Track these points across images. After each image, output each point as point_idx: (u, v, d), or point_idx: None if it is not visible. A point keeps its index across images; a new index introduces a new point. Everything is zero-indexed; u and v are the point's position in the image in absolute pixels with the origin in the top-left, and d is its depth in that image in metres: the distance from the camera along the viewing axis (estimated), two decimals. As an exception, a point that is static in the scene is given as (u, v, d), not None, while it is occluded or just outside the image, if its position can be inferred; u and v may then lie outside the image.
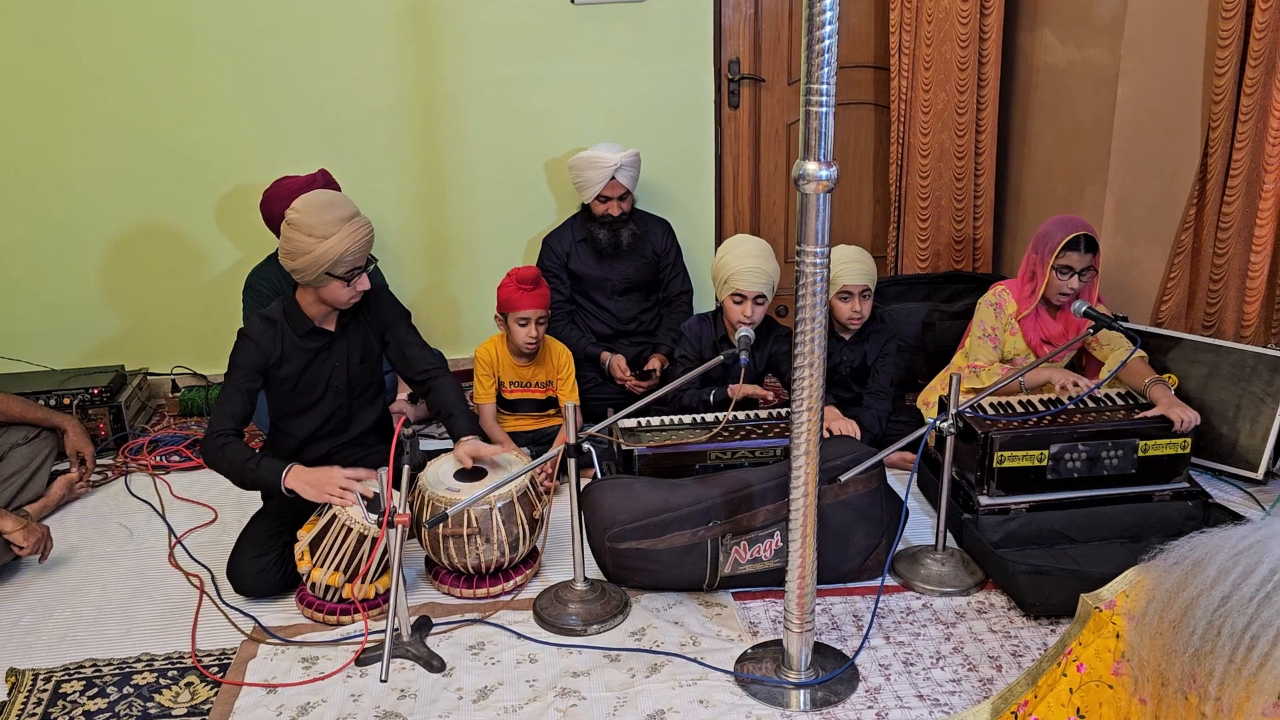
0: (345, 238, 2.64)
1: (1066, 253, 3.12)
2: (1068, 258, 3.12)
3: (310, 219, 2.64)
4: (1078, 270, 3.12)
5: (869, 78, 4.22)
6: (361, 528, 2.54)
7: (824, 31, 1.85)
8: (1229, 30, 3.17)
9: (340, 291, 2.72)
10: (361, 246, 2.69)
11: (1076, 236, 3.10)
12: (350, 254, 2.66)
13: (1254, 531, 1.56)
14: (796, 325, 2.05)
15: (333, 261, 2.64)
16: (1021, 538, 2.85)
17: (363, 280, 2.75)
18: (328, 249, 2.63)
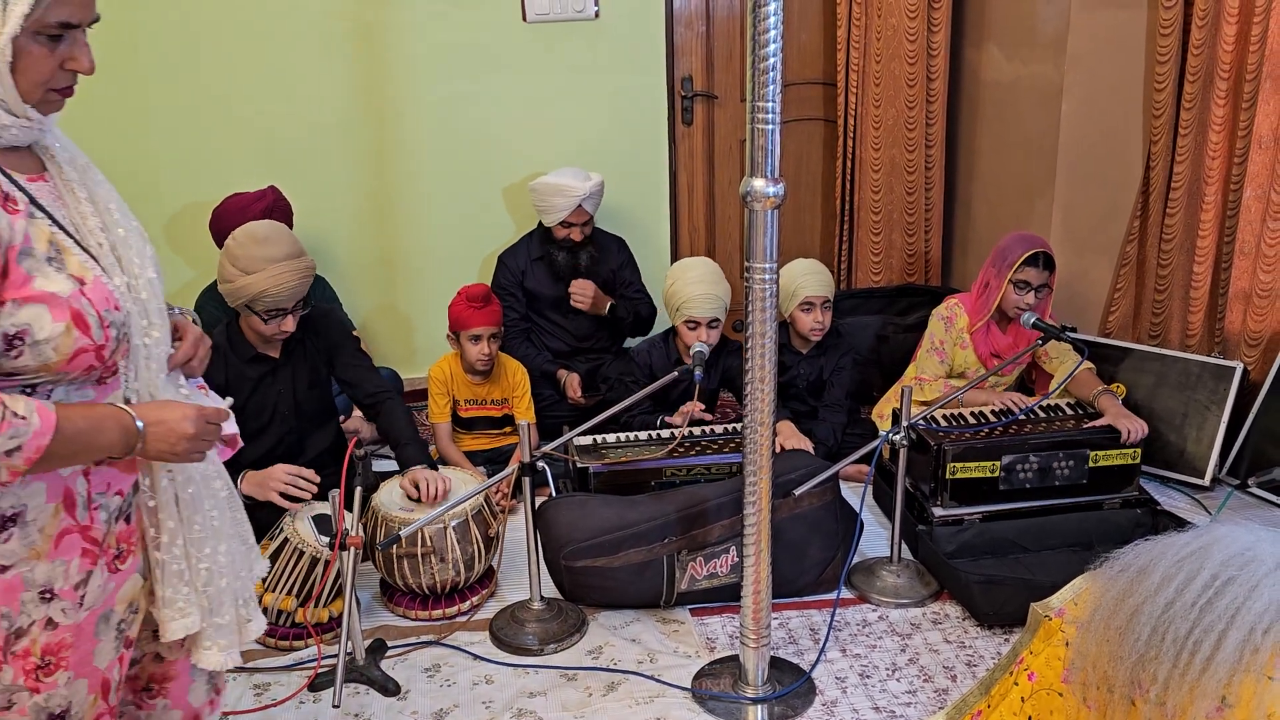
0: (268, 278, 2.60)
1: (1025, 268, 3.16)
2: (1025, 273, 3.16)
3: (239, 251, 2.62)
4: (1034, 286, 3.16)
5: (819, 94, 4.26)
6: (314, 550, 2.51)
7: (768, 50, 1.87)
8: (1167, 47, 3.24)
9: (261, 327, 2.69)
10: (286, 291, 2.63)
11: (1036, 253, 3.15)
12: (271, 295, 2.62)
13: (1196, 538, 1.59)
14: (747, 341, 2.06)
15: (251, 298, 2.61)
16: (975, 548, 2.87)
17: (286, 322, 2.69)
18: (249, 284, 2.60)
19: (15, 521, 1.34)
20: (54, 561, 1.37)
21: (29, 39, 1.30)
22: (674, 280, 3.24)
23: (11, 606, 1.35)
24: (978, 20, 4.01)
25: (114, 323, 1.38)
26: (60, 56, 1.36)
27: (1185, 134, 3.27)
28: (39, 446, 1.27)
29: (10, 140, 1.38)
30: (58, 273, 1.34)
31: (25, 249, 1.32)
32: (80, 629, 1.40)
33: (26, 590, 1.35)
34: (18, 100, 1.34)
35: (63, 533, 1.38)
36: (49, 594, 1.37)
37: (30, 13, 1.28)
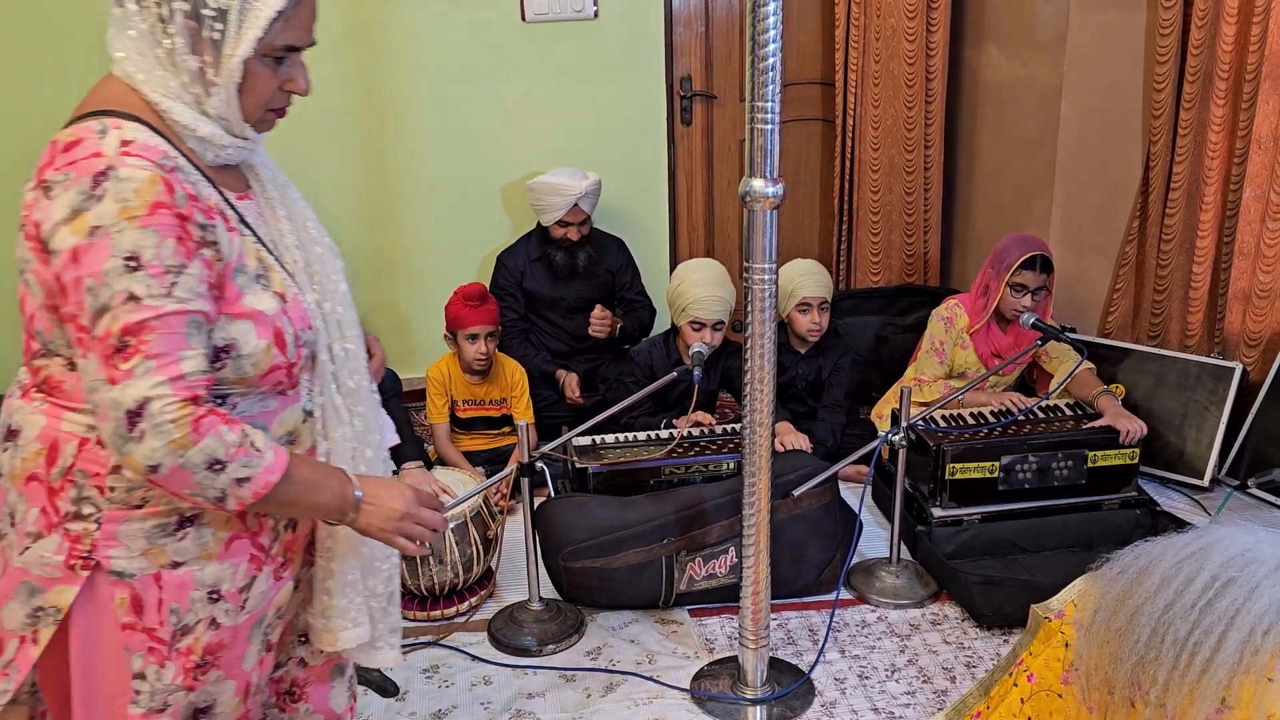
0: None
1: (1022, 271, 3.16)
2: (1022, 275, 3.16)
3: None
4: (1031, 289, 3.16)
5: (817, 94, 4.26)
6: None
7: (767, 50, 1.86)
8: (1166, 47, 3.23)
9: None
10: None
11: (1033, 256, 3.14)
12: None
13: (1196, 539, 1.59)
14: (746, 341, 2.06)
15: None
16: (974, 548, 2.87)
17: None
18: None
19: (193, 522, 1.38)
20: (223, 563, 1.40)
21: (256, 61, 1.33)
22: (680, 281, 3.23)
23: (181, 603, 1.38)
24: (977, 20, 4.01)
25: (306, 341, 1.43)
26: (281, 78, 1.38)
27: (1185, 134, 3.27)
28: (268, 483, 1.31)
29: (226, 159, 1.41)
30: (264, 290, 1.37)
31: (239, 266, 1.36)
32: (238, 631, 1.44)
33: (196, 589, 1.38)
34: (239, 120, 1.37)
35: (233, 537, 1.41)
36: (216, 595, 1.40)
37: (263, 36, 1.31)
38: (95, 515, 1.34)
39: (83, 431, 1.34)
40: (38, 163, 1.29)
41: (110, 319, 1.22)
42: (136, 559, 1.35)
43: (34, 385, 1.39)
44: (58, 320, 1.31)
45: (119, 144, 1.25)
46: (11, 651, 1.39)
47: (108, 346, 1.23)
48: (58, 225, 1.23)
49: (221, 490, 1.29)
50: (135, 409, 1.23)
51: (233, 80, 1.32)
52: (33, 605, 1.37)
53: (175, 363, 1.24)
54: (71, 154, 1.25)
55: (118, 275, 1.22)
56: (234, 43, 1.30)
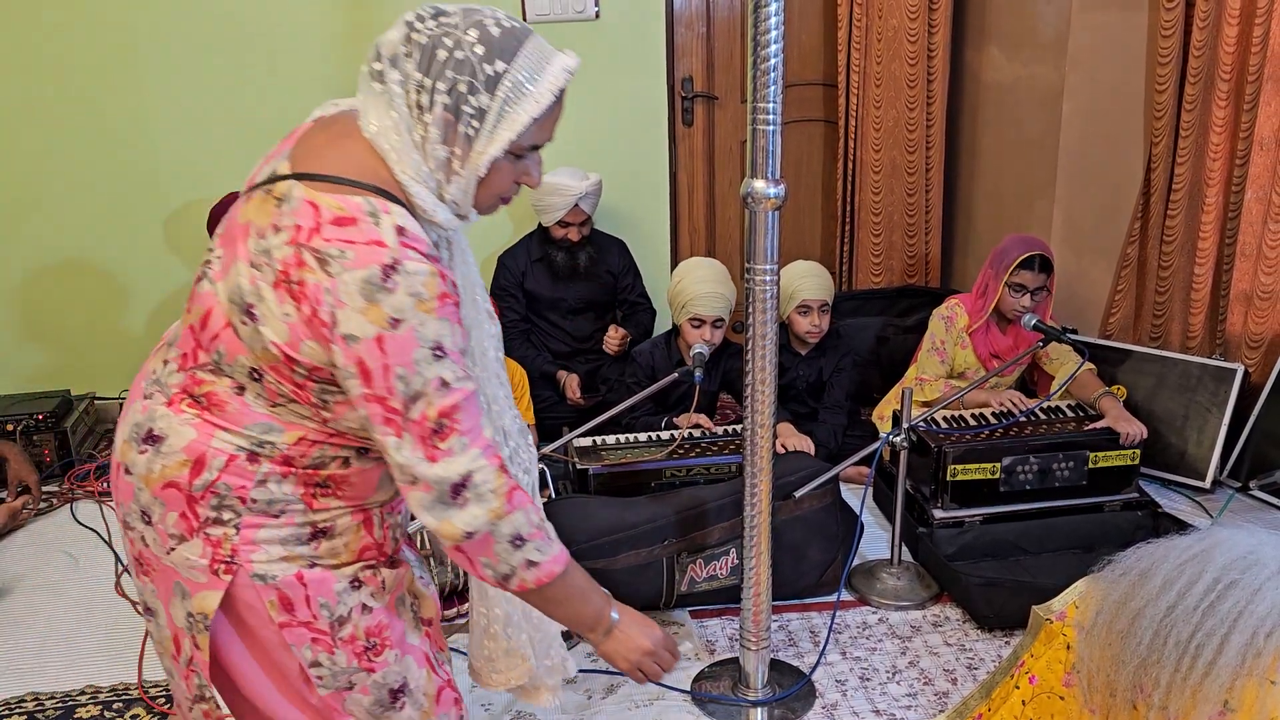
0: None
1: (1020, 270, 3.15)
2: (1021, 275, 3.16)
3: None
4: (1030, 289, 3.16)
5: (819, 95, 4.25)
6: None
7: (769, 50, 1.86)
8: (1168, 48, 3.23)
9: None
10: None
11: (1031, 256, 3.14)
12: None
13: (1198, 541, 1.58)
14: (748, 342, 2.06)
15: None
16: (975, 550, 2.86)
17: None
18: None
19: (325, 534, 1.43)
20: (356, 564, 1.48)
21: (501, 158, 1.38)
22: (680, 278, 3.23)
23: (328, 597, 1.43)
24: (978, 21, 4.00)
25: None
26: (519, 172, 1.43)
27: (1186, 136, 3.26)
28: (551, 572, 1.41)
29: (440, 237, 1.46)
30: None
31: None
32: (389, 611, 1.51)
33: (338, 582, 1.44)
34: (469, 206, 1.42)
35: (364, 548, 1.48)
36: (357, 582, 1.46)
37: (515, 139, 1.35)
38: (234, 520, 1.38)
39: (232, 449, 1.37)
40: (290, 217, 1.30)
41: (426, 404, 1.31)
42: (276, 563, 1.40)
43: (187, 396, 1.39)
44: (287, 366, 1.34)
45: (395, 232, 1.29)
46: (187, 650, 1.45)
47: (425, 429, 1.32)
48: (350, 311, 1.27)
49: (512, 567, 1.38)
50: (460, 481, 1.33)
51: (476, 175, 1.37)
52: (185, 610, 1.42)
53: (481, 434, 1.35)
54: (346, 232, 1.28)
55: (427, 364, 1.30)
56: (486, 141, 1.34)
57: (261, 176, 1.39)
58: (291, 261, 1.29)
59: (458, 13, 1.35)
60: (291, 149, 1.39)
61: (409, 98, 1.33)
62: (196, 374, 1.39)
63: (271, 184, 1.35)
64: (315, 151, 1.37)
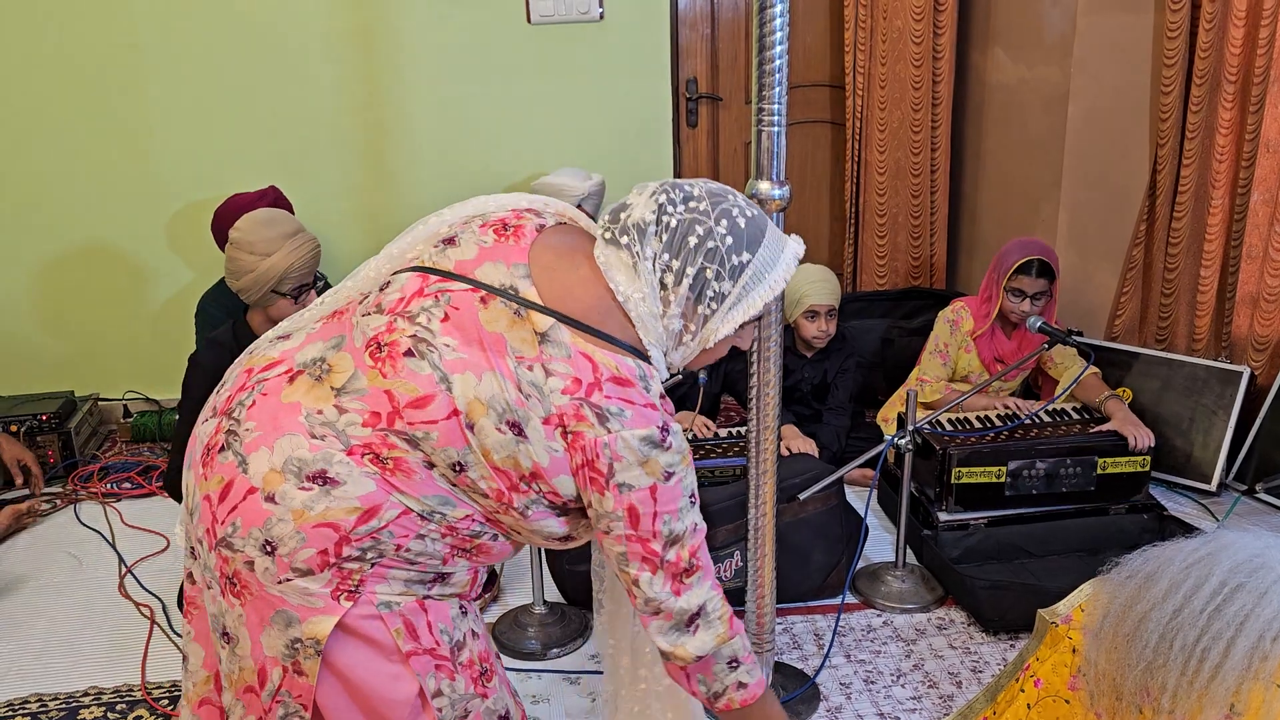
0: (289, 254, 2.62)
1: (1018, 276, 3.15)
2: (1019, 281, 3.15)
3: (251, 236, 2.62)
4: (1029, 294, 3.15)
5: (824, 96, 4.25)
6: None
7: (774, 52, 1.85)
8: (1174, 50, 3.22)
9: (289, 309, 2.69)
10: (306, 262, 2.66)
11: (1029, 261, 3.13)
12: (295, 270, 2.63)
13: (1204, 544, 1.57)
14: (752, 344, 2.05)
15: (278, 278, 2.61)
16: (980, 553, 2.86)
17: (310, 297, 2.71)
18: (271, 266, 2.60)
19: (443, 580, 1.47)
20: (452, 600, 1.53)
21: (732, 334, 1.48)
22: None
23: (446, 623, 1.47)
24: (983, 23, 4.00)
25: None
26: (736, 337, 1.51)
27: (1192, 137, 3.25)
28: (755, 695, 1.54)
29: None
30: None
31: None
32: (486, 639, 1.58)
33: (452, 608, 1.49)
34: (680, 362, 1.52)
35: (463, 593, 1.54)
36: (463, 609, 1.52)
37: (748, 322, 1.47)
38: (375, 560, 1.38)
39: (404, 505, 1.39)
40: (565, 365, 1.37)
41: (681, 547, 1.44)
42: (398, 595, 1.42)
43: (370, 452, 1.37)
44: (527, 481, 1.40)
45: (660, 399, 1.42)
46: (276, 679, 1.41)
47: (679, 568, 1.45)
48: (629, 464, 1.38)
49: (725, 686, 1.51)
50: (696, 611, 1.46)
51: (704, 348, 1.49)
52: (290, 636, 1.38)
53: (711, 569, 1.50)
54: (625, 392, 1.38)
55: (687, 510, 1.45)
56: (721, 321, 1.45)
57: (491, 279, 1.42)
58: (570, 412, 1.37)
59: (705, 198, 1.44)
60: (530, 268, 1.43)
61: (656, 274, 1.42)
62: (389, 438, 1.37)
63: (519, 303, 1.39)
64: (567, 291, 1.42)
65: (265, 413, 1.40)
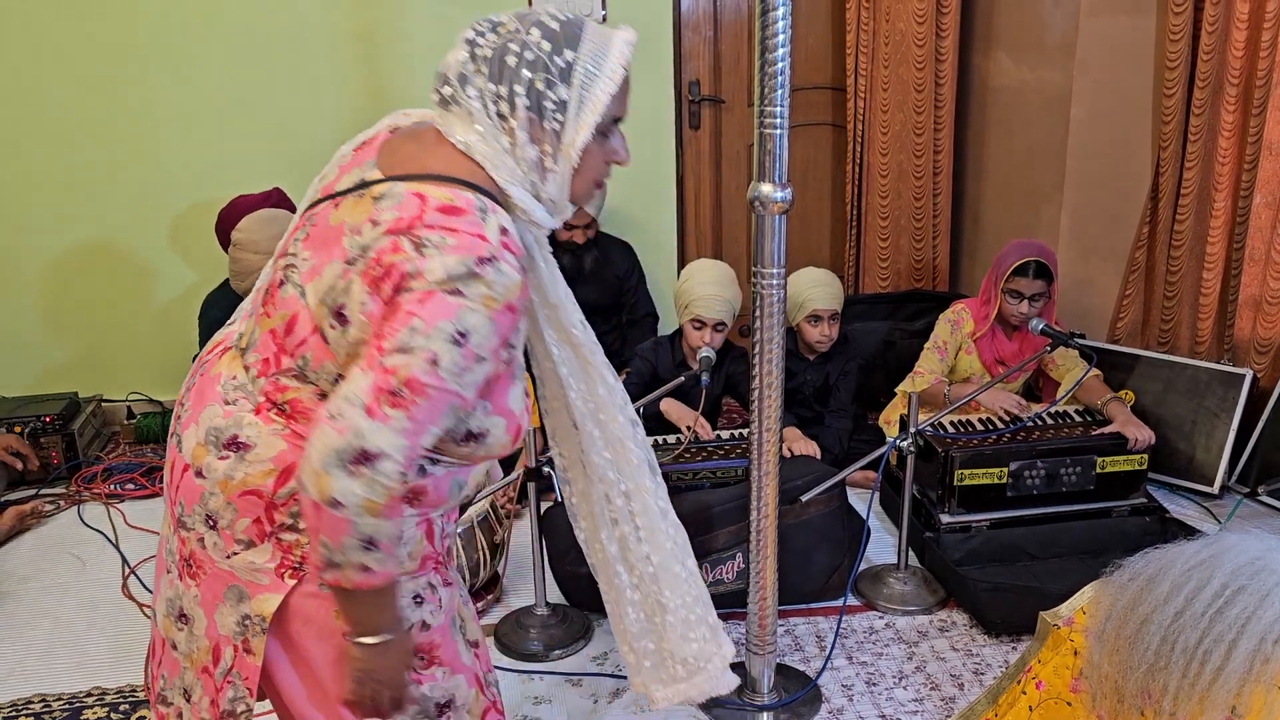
0: None
1: (1015, 278, 3.15)
2: (1016, 283, 3.15)
3: (255, 236, 2.63)
4: (1026, 296, 3.15)
5: (827, 99, 4.25)
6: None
7: (777, 54, 1.86)
8: (1176, 53, 3.22)
9: None
10: None
11: (1026, 262, 3.13)
12: None
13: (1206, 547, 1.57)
14: (754, 346, 2.06)
15: None
16: (983, 555, 2.86)
17: None
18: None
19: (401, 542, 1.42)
20: (417, 579, 1.48)
21: (591, 141, 1.38)
22: (687, 278, 3.23)
23: None
24: (986, 26, 4.00)
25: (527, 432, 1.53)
26: (607, 153, 1.43)
27: (1195, 140, 3.26)
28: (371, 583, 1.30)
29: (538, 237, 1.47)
30: (519, 384, 1.43)
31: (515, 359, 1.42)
32: (444, 631, 1.52)
33: (403, 596, 1.43)
34: (565, 200, 1.41)
35: (425, 557, 1.48)
36: (420, 599, 1.47)
37: (600, 120, 1.36)
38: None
39: None
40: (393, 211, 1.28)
41: (405, 363, 1.23)
42: None
43: (273, 404, 1.38)
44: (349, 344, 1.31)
45: (499, 233, 1.29)
46: (229, 660, 1.42)
47: (387, 382, 1.23)
48: (424, 280, 1.24)
49: (346, 562, 1.28)
50: (369, 453, 1.23)
51: (571, 165, 1.37)
52: (240, 613, 1.40)
53: (421, 434, 1.27)
54: (451, 220, 1.27)
55: (441, 338, 1.23)
56: (574, 129, 1.35)
57: (346, 184, 1.37)
58: (386, 248, 1.26)
59: (512, 18, 1.37)
60: (377, 158, 1.38)
61: (489, 110, 1.34)
62: (279, 380, 1.38)
63: (365, 188, 1.34)
64: (411, 158, 1.36)
65: (197, 391, 1.45)
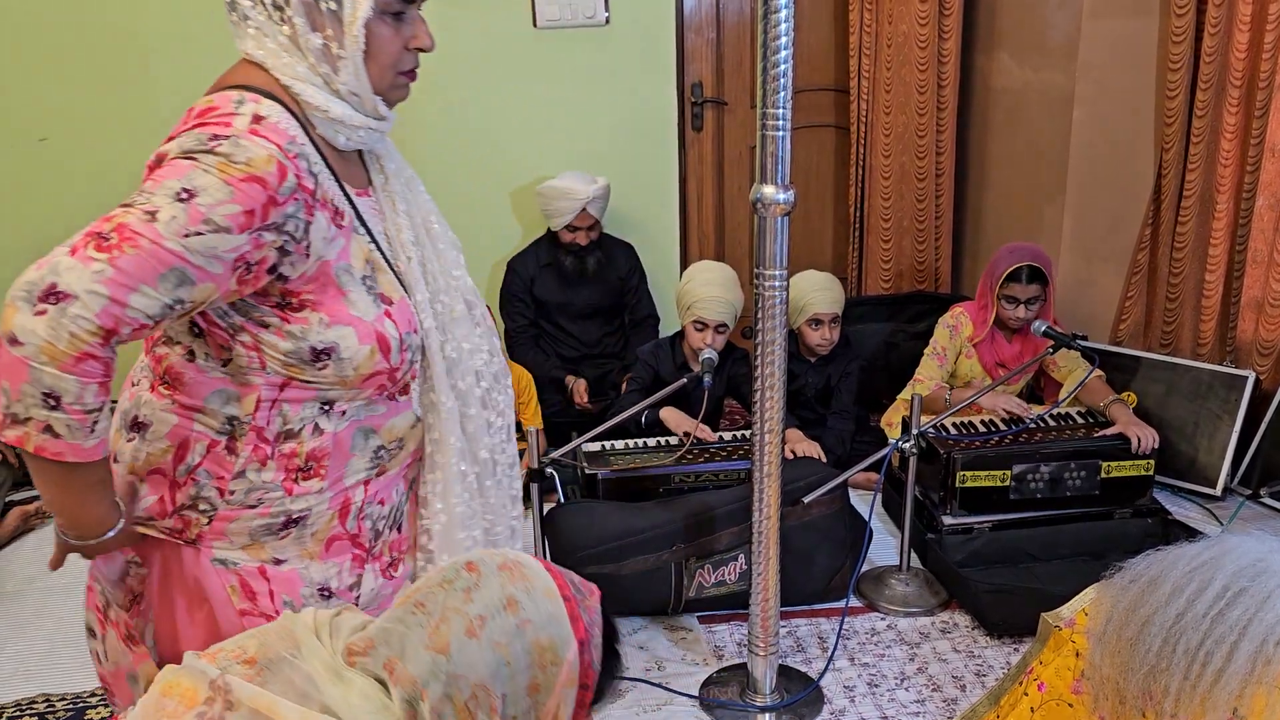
0: None
1: (1010, 283, 3.15)
2: (1011, 288, 3.16)
3: None
4: (1022, 300, 3.15)
5: (829, 100, 4.26)
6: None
7: (779, 56, 1.86)
8: (1179, 54, 3.22)
9: None
10: None
11: (1020, 268, 3.13)
12: None
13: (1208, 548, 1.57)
14: (757, 348, 2.06)
15: None
16: (985, 557, 2.86)
17: None
18: None
19: (299, 523, 1.40)
20: (326, 563, 1.43)
21: (377, 21, 1.32)
22: (689, 280, 3.24)
23: (294, 597, 1.41)
24: (988, 27, 4.00)
25: (410, 345, 1.42)
26: (404, 36, 1.37)
27: (1197, 142, 3.26)
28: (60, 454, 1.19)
29: (358, 142, 1.41)
30: (368, 294, 1.37)
31: (341, 266, 1.35)
32: None
33: (305, 586, 1.41)
34: (370, 93, 1.36)
35: (332, 538, 1.43)
36: (327, 592, 1.42)
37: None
38: (210, 512, 1.37)
39: (212, 435, 1.36)
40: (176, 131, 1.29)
41: (122, 213, 1.19)
42: (236, 551, 1.39)
43: (160, 378, 1.39)
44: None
45: (251, 119, 1.25)
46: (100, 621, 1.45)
47: (99, 228, 1.18)
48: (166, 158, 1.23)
49: (28, 414, 1.15)
50: (59, 291, 1.14)
51: (358, 48, 1.32)
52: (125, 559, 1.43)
53: (126, 289, 1.16)
54: (205, 117, 1.26)
55: (165, 193, 1.20)
56: (352, 8, 1.30)
57: None
58: (152, 163, 1.26)
59: None
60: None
61: (263, 8, 1.32)
62: (156, 350, 1.39)
63: None
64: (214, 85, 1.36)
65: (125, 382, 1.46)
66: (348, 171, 1.42)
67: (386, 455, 1.45)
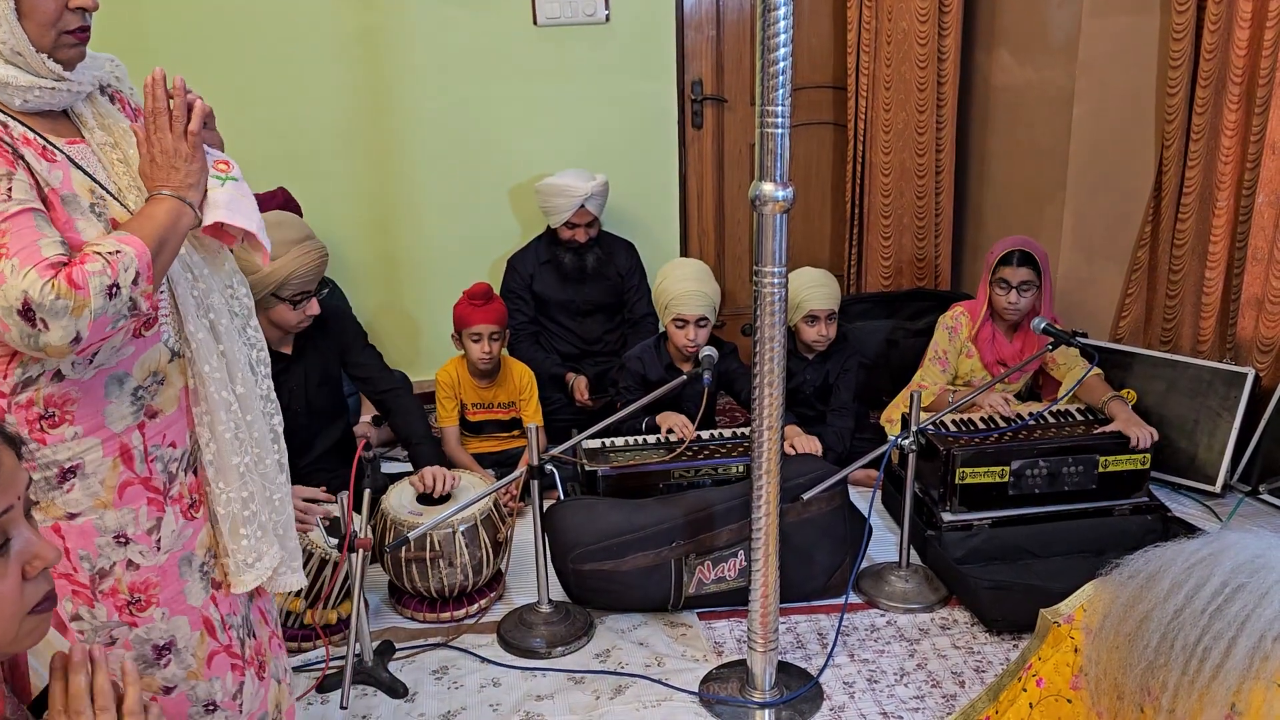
0: (293, 260, 2.63)
1: (1001, 267, 3.18)
2: (1002, 272, 3.18)
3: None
4: (1013, 284, 3.17)
5: (829, 98, 4.25)
6: (322, 552, 2.51)
7: (778, 54, 1.86)
8: (1179, 51, 3.22)
9: (288, 315, 2.70)
10: (310, 270, 2.67)
11: (1010, 252, 3.16)
12: (297, 277, 2.64)
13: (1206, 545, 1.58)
14: (755, 345, 2.06)
15: (279, 283, 2.62)
16: (984, 553, 2.86)
17: (311, 305, 2.72)
18: (275, 269, 2.62)
19: (75, 473, 1.40)
20: (121, 510, 1.45)
21: None
22: (663, 279, 3.25)
23: (89, 549, 1.43)
24: (988, 25, 4.00)
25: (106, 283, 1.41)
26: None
27: (1197, 139, 3.26)
28: (148, 263, 1.35)
29: (37, 104, 1.40)
30: (98, 219, 1.39)
31: (67, 194, 1.38)
32: (164, 570, 1.49)
33: (100, 535, 1.43)
34: (32, 50, 1.36)
35: (124, 484, 1.45)
36: (123, 538, 1.45)
37: None
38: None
39: None
40: None
41: None
42: None
43: None
44: None
45: None
46: None
47: None
48: None
49: (131, 300, 1.33)
50: (23, 307, 1.25)
51: (9, 6, 1.32)
52: None
53: (35, 252, 1.27)
54: None
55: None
56: None
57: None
58: None
59: None
60: None
61: None
62: None
63: None
64: None
65: None
66: (47, 125, 1.42)
67: (147, 395, 1.47)
